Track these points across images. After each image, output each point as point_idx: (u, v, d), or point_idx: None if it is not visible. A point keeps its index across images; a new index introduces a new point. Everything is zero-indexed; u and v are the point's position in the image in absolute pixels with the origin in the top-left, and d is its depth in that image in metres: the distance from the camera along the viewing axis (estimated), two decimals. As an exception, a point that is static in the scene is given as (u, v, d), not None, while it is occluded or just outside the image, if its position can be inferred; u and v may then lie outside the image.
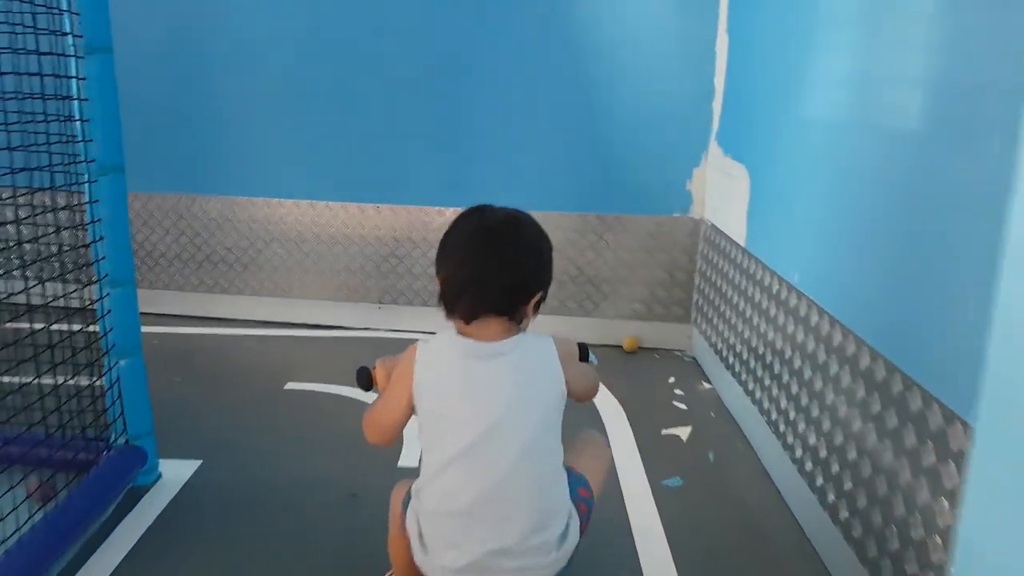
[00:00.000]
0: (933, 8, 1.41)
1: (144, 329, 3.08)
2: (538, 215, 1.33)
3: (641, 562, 1.73)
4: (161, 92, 3.14)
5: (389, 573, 1.58)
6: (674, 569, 1.71)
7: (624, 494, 2.00)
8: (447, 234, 1.29)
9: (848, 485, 1.63)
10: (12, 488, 1.59)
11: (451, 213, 2.08)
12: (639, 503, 1.96)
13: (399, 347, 1.34)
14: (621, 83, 2.87)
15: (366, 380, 1.37)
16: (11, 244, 1.74)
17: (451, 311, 1.25)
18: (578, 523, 1.30)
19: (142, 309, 3.24)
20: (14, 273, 1.75)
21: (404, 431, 1.32)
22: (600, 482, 1.45)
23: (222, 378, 2.74)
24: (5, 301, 1.67)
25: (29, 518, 1.63)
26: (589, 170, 2.98)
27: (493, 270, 1.22)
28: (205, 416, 2.43)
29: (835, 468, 1.70)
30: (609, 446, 1.51)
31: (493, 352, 1.22)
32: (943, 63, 1.36)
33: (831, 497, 1.71)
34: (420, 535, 1.25)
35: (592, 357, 1.45)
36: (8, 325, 1.62)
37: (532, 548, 1.20)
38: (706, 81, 2.81)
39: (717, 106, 2.80)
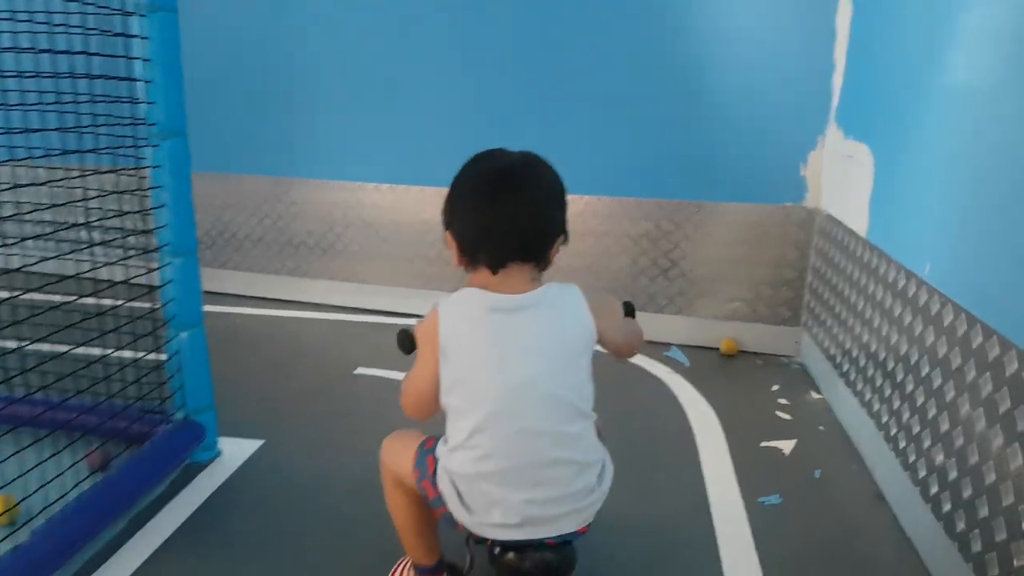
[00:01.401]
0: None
1: (224, 309, 3.18)
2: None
3: (726, 586, 1.50)
4: (255, 76, 3.15)
5: (403, 559, 1.49)
6: (764, 598, 1.47)
7: (712, 509, 1.78)
8: (456, 182, 1.22)
9: (983, 512, 1.34)
10: (57, 453, 1.55)
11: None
12: (729, 520, 1.73)
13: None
14: (725, 59, 2.61)
15: (407, 343, 1.26)
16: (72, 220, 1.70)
17: (473, 262, 1.20)
18: (609, 458, 1.27)
19: (225, 290, 3.35)
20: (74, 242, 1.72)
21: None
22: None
23: (293, 360, 2.69)
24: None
25: (76, 485, 1.58)
26: (688, 153, 2.72)
27: (513, 214, 1.16)
28: (272, 397, 2.37)
29: (967, 493, 1.41)
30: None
31: (519, 305, 1.17)
32: None
33: (960, 526, 1.43)
34: (459, 495, 1.19)
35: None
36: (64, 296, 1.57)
37: (575, 492, 1.18)
38: (824, 55, 2.51)
39: (837, 81, 2.49)
